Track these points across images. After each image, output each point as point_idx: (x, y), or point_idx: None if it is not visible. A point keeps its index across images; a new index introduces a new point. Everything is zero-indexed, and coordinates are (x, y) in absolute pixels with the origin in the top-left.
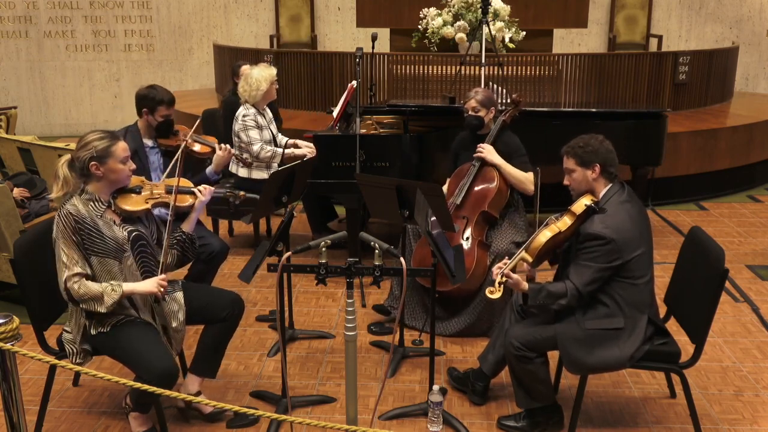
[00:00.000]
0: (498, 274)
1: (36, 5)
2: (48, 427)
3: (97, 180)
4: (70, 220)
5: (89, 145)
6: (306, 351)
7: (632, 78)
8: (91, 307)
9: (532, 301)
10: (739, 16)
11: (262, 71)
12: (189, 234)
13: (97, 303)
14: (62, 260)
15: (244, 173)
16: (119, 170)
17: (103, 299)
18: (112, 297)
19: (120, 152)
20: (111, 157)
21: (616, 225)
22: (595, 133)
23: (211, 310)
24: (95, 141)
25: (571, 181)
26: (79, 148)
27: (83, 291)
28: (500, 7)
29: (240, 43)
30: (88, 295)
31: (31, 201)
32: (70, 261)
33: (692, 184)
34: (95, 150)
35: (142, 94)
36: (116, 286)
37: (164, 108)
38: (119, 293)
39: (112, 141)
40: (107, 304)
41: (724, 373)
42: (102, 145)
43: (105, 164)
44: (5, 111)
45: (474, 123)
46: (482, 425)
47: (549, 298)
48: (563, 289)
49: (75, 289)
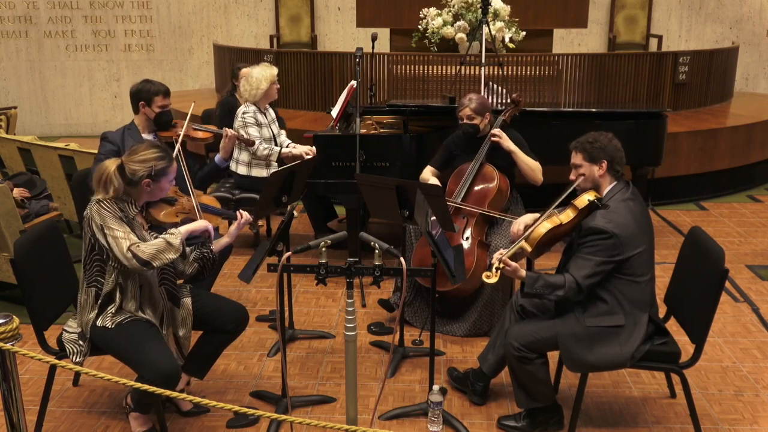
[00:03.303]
0: (497, 260)
1: (36, 5)
2: (48, 427)
3: (139, 191)
4: (112, 206)
5: (148, 162)
6: (306, 351)
7: (632, 78)
8: (164, 258)
9: (528, 289)
10: (739, 16)
11: (263, 71)
12: (215, 254)
13: (167, 252)
14: (117, 236)
15: (243, 171)
16: (165, 189)
17: (171, 244)
18: (174, 239)
19: (173, 173)
20: (165, 176)
21: (618, 220)
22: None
23: (216, 320)
24: (154, 160)
25: (577, 176)
26: (135, 161)
27: (148, 248)
28: (500, 7)
29: (240, 43)
30: (156, 249)
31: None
32: (125, 234)
33: (692, 184)
34: (154, 169)
35: (137, 89)
36: (170, 230)
37: (161, 98)
38: (177, 233)
39: (170, 162)
40: (175, 246)
41: (724, 373)
42: (161, 166)
43: (157, 183)
44: (5, 111)
45: (470, 131)
46: (482, 425)
47: (546, 288)
48: (561, 280)
49: (142, 251)
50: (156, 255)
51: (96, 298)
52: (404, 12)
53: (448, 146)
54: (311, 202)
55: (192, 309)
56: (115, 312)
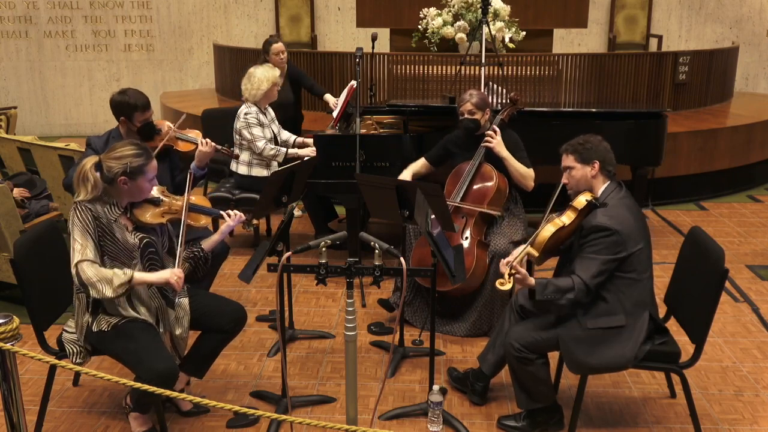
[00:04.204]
0: (507, 266)
1: (36, 5)
2: (48, 427)
3: (118, 190)
4: (88, 214)
5: (123, 159)
6: (306, 351)
7: (632, 78)
8: (99, 289)
9: (539, 296)
10: (739, 16)
11: (266, 71)
12: (206, 253)
13: (105, 285)
14: (75, 247)
15: (243, 171)
16: (145, 189)
17: (113, 281)
18: (121, 279)
19: (151, 172)
20: (142, 175)
21: (618, 217)
22: (594, 134)
23: (214, 319)
24: (131, 157)
25: (569, 178)
26: (111, 158)
27: (92, 273)
28: (500, 7)
29: (240, 43)
30: (98, 277)
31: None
32: (83, 248)
33: (692, 184)
34: (129, 166)
35: (115, 102)
36: (127, 270)
37: (139, 113)
38: (129, 276)
39: (147, 160)
40: (115, 285)
41: (724, 373)
42: (137, 163)
43: (134, 181)
44: (5, 111)
45: (470, 126)
46: (482, 425)
47: (556, 293)
48: (570, 283)
49: (84, 271)
50: (95, 283)
51: (87, 304)
52: (404, 12)
53: (446, 144)
54: (311, 202)
55: (190, 309)
56: (108, 315)
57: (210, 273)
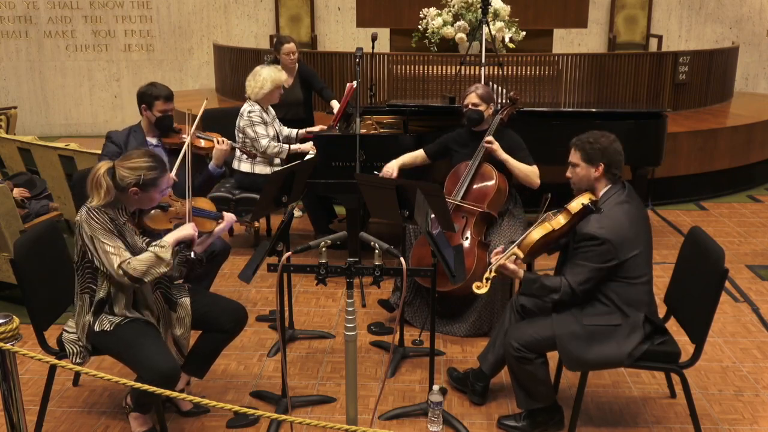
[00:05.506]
0: (489, 269)
1: (36, 5)
2: (48, 427)
3: (128, 199)
4: (104, 217)
5: (137, 171)
6: (306, 351)
7: (632, 78)
8: (154, 273)
9: (525, 290)
10: (739, 16)
11: (272, 72)
12: (200, 255)
13: (157, 266)
14: (107, 250)
15: (246, 168)
16: (155, 199)
17: (161, 257)
18: (164, 253)
19: (164, 184)
20: (154, 188)
21: (611, 225)
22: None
23: (215, 319)
24: (145, 169)
25: (573, 174)
26: (125, 167)
27: (138, 265)
28: (500, 7)
29: (240, 43)
30: (146, 265)
31: (31, 201)
32: (116, 249)
33: (692, 184)
34: (143, 179)
35: (140, 92)
36: (158, 242)
37: (161, 103)
38: (167, 246)
39: (161, 173)
40: (166, 260)
41: (724, 373)
42: (150, 176)
43: (146, 193)
44: (5, 111)
45: (474, 117)
46: (482, 425)
47: (542, 290)
48: (558, 284)
49: (133, 268)
50: (147, 271)
51: (90, 304)
52: (404, 12)
53: (446, 141)
54: (311, 202)
55: (190, 309)
56: (111, 315)
57: (210, 272)
